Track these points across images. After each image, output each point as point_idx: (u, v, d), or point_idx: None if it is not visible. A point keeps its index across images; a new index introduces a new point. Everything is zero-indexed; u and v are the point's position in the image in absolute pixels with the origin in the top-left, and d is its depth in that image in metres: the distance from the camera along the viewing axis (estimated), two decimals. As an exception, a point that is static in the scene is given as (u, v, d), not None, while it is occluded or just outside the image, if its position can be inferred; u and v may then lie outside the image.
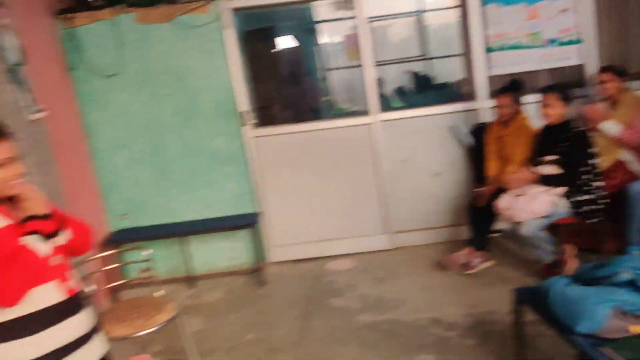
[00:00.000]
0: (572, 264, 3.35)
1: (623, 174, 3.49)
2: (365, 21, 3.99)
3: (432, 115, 4.14)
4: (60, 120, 3.35)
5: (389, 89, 6.23)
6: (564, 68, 4.08)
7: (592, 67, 3.95)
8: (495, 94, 3.66)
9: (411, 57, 6.89)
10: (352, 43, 7.37)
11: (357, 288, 3.69)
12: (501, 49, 4.01)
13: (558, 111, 3.13)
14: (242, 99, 3.98)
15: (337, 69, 7.02)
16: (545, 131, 3.31)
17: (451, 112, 4.13)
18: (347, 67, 6.60)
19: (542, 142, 3.31)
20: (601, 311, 1.86)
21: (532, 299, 2.25)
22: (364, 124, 4.11)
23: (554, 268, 3.30)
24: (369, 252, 4.26)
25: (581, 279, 2.07)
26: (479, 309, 3.20)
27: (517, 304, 2.35)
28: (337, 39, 7.00)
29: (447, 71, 6.36)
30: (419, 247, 4.27)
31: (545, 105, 3.16)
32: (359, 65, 4.12)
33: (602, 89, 3.59)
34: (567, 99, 3.16)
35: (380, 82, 6.49)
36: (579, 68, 4.05)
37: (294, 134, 4.15)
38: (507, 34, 3.97)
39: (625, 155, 3.50)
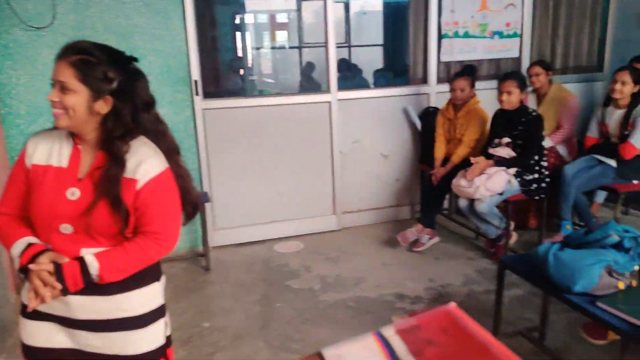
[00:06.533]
0: (514, 238, 3.64)
1: (554, 158, 3.87)
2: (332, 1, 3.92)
3: (386, 97, 4.21)
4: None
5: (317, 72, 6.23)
6: (500, 60, 4.38)
7: (526, 60, 4.29)
8: (452, 77, 3.79)
9: (371, 43, 6.87)
10: (275, 24, 7.29)
11: (312, 269, 3.63)
12: (454, 36, 4.18)
13: (516, 98, 3.33)
14: (196, 66, 3.68)
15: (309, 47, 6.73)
16: (501, 116, 3.51)
17: (403, 95, 4.23)
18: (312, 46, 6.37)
19: (498, 126, 3.50)
20: (595, 271, 2.03)
21: (517, 266, 2.38)
22: (323, 102, 4.04)
23: (498, 242, 3.55)
24: (315, 234, 4.23)
25: (571, 244, 2.22)
26: (436, 282, 3.34)
27: (501, 272, 2.46)
28: (264, 18, 6.85)
29: (367, 59, 6.54)
30: (363, 227, 4.36)
31: (504, 92, 3.34)
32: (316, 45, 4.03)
33: (532, 81, 3.94)
34: (523, 86, 3.37)
35: (310, 66, 6.50)
36: (515, 61, 4.38)
37: (248, 108, 3.94)
38: (459, 23, 4.15)
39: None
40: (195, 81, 3.70)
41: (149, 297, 1.48)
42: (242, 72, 6.15)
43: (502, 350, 0.73)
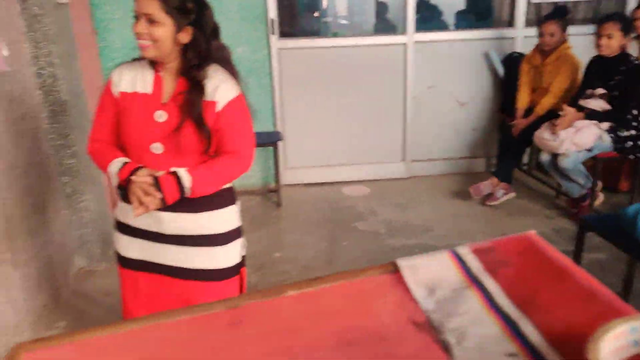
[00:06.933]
0: (600, 199, 3.42)
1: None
2: None
3: (467, 40, 4.00)
4: (77, 10, 2.93)
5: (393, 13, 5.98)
6: (600, 1, 4.00)
7: (633, 3, 3.88)
8: (541, 20, 3.52)
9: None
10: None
11: (379, 214, 3.64)
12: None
13: (617, 42, 3.04)
14: (273, 4, 3.65)
15: None
16: (597, 63, 3.23)
17: (486, 39, 3.99)
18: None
19: (593, 75, 3.23)
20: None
21: (601, 227, 2.25)
22: (398, 44, 3.90)
23: (581, 202, 3.36)
24: (383, 180, 4.20)
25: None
26: (508, 238, 3.24)
27: (582, 231, 2.34)
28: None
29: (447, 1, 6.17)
30: (434, 177, 4.27)
31: (604, 36, 3.05)
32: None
33: (637, 26, 3.55)
34: (627, 30, 3.07)
35: (383, 7, 6.24)
36: (619, 3, 3.98)
37: (322, 48, 3.89)
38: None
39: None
40: (272, 20, 3.67)
41: (228, 217, 1.61)
42: (316, 14, 6.01)
43: (582, 274, 0.70)
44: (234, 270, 1.64)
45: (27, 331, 2.24)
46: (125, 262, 1.63)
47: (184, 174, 1.45)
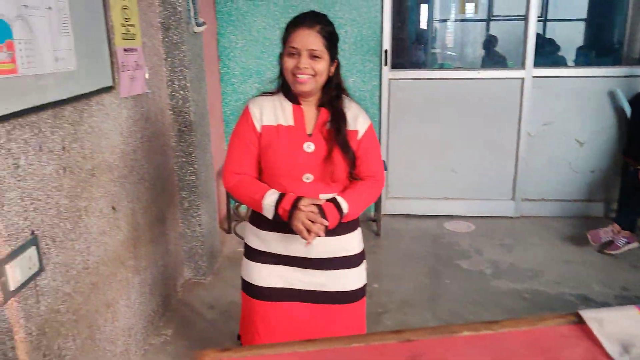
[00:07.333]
0: None
1: None
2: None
3: (590, 76, 3.77)
4: (207, 38, 3.17)
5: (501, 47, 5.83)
6: None
7: None
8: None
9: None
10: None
11: (484, 252, 3.48)
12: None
13: None
14: (387, 35, 3.70)
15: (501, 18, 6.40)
16: None
17: (611, 76, 3.74)
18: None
19: None
20: None
21: None
22: (515, 78, 3.78)
23: None
24: (489, 217, 4.03)
25: None
26: (631, 292, 2.95)
27: None
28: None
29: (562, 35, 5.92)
30: (545, 218, 4.02)
31: None
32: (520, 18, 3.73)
33: None
34: None
35: (494, 40, 6.10)
36: None
37: (434, 80, 3.86)
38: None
39: None
40: (386, 51, 3.71)
41: (359, 239, 1.67)
42: (423, 45, 6.03)
43: None
44: (363, 290, 1.68)
45: (139, 334, 2.37)
46: (258, 292, 1.62)
47: (341, 200, 1.51)
